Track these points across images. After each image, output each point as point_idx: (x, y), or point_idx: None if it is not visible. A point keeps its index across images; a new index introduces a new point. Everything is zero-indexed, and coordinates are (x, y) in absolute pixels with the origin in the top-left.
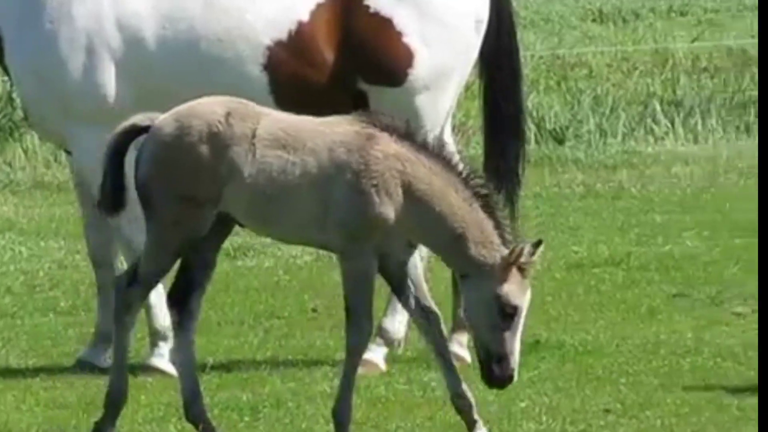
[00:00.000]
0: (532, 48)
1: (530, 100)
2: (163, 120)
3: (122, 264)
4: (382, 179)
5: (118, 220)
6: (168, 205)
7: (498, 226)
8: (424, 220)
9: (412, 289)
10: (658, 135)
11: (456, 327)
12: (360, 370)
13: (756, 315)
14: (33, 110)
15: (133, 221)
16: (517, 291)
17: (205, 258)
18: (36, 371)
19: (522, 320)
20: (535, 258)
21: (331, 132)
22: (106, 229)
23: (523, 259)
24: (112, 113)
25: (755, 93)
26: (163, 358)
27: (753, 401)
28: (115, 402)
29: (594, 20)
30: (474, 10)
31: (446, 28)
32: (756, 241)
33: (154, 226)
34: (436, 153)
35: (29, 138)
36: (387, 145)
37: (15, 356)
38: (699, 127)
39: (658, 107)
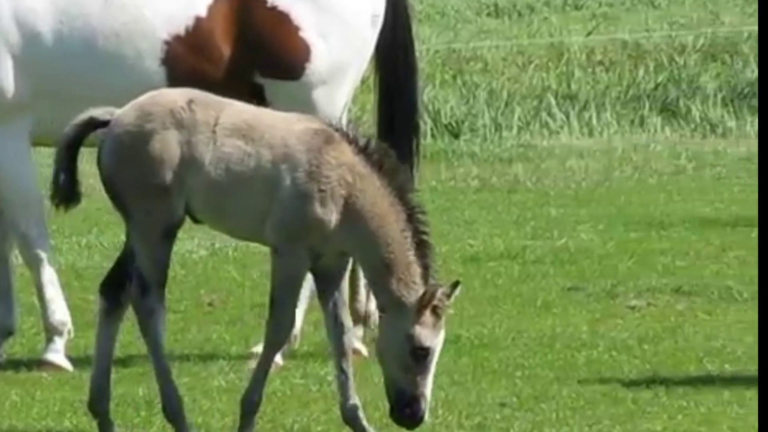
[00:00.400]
0: (427, 42)
1: (426, 94)
2: (123, 111)
3: (17, 259)
4: (330, 186)
5: (15, 213)
6: (135, 196)
7: (426, 269)
8: (358, 237)
9: (336, 296)
10: (553, 129)
11: (353, 321)
12: (254, 365)
13: (650, 308)
14: None
15: (29, 216)
16: (429, 333)
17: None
18: None
19: (434, 362)
20: (449, 301)
21: (289, 127)
22: (1, 224)
23: (435, 302)
24: (9, 108)
25: (649, 86)
26: (58, 354)
27: (647, 394)
28: (174, 407)
29: (489, 14)
30: (370, 5)
31: (343, 22)
32: (651, 234)
33: (131, 222)
34: (390, 175)
35: None
36: (343, 153)
37: None
38: (594, 120)
39: (553, 101)
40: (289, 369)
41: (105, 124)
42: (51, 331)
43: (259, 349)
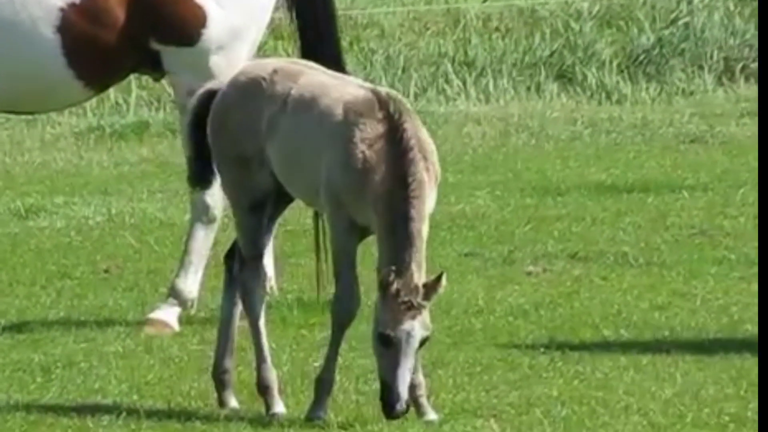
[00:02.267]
0: None
1: None
2: (225, 82)
3: None
4: (361, 158)
5: None
6: (224, 167)
7: (406, 258)
8: (370, 214)
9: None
10: (450, 95)
11: None
12: (152, 331)
13: (547, 274)
14: None
15: None
16: (390, 320)
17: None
18: None
19: (404, 354)
20: (426, 294)
21: (338, 97)
22: None
23: (393, 290)
24: None
25: (545, 53)
26: None
27: (543, 359)
28: (266, 384)
29: None
30: None
31: None
32: (547, 200)
33: (226, 193)
34: (401, 156)
35: None
36: (375, 126)
37: None
38: (490, 87)
39: (449, 67)
40: (185, 335)
41: None
42: None
43: (154, 315)
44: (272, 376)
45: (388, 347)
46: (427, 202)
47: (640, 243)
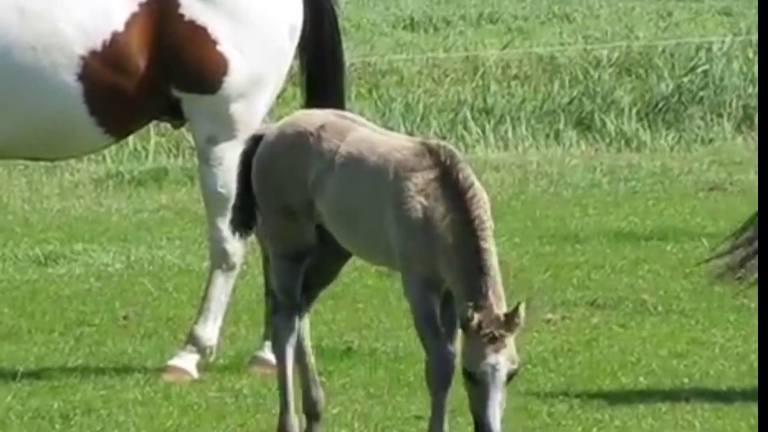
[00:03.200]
0: None
1: None
2: (270, 129)
3: None
4: (417, 215)
5: None
6: (269, 216)
7: (482, 293)
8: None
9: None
10: (469, 142)
11: (268, 334)
12: (171, 378)
13: (566, 321)
14: None
15: None
16: (475, 356)
17: (326, 271)
18: None
19: (491, 390)
20: (506, 325)
21: (388, 155)
22: None
23: (474, 325)
24: None
25: (564, 100)
26: None
27: (562, 407)
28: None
29: (405, 28)
30: (288, 17)
31: (260, 35)
32: (566, 247)
33: (267, 240)
34: (461, 200)
35: None
36: (427, 180)
37: None
38: (509, 134)
39: (468, 114)
40: (204, 382)
41: None
42: None
43: (173, 362)
44: (294, 422)
45: (475, 383)
46: None
47: (660, 291)
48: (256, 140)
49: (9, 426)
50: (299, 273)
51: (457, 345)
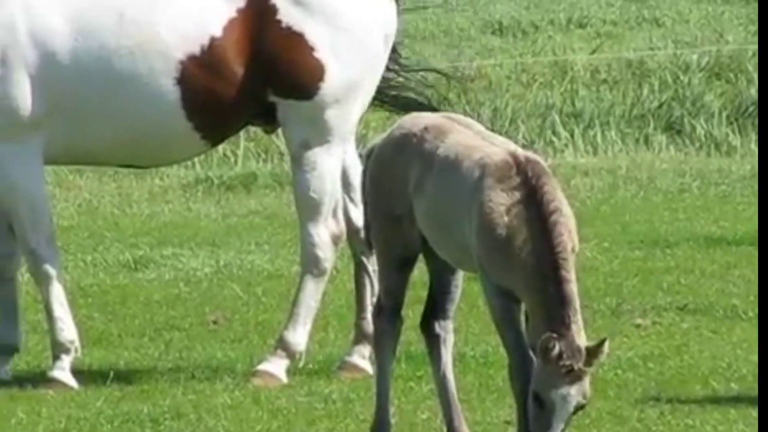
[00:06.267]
0: (432, 60)
1: None
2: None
3: (23, 277)
4: (502, 222)
5: (25, 231)
6: (376, 221)
7: (561, 317)
8: (517, 278)
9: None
10: (558, 147)
11: (357, 339)
12: (260, 382)
13: (656, 327)
14: None
15: (40, 234)
16: (547, 382)
17: (444, 281)
18: None
19: (557, 417)
20: (587, 360)
21: (479, 160)
22: (6, 242)
23: (553, 355)
24: (24, 127)
25: (654, 104)
26: (64, 371)
27: (653, 413)
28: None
29: (494, 32)
30: (382, 24)
31: (356, 41)
32: (656, 252)
33: (374, 246)
34: (543, 218)
35: None
36: (513, 191)
37: None
38: (598, 139)
39: (557, 119)
40: (293, 386)
41: None
42: (58, 349)
43: (263, 366)
44: (389, 426)
45: (541, 407)
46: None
47: (750, 296)
48: (371, 153)
49: (99, 430)
50: (404, 278)
51: None
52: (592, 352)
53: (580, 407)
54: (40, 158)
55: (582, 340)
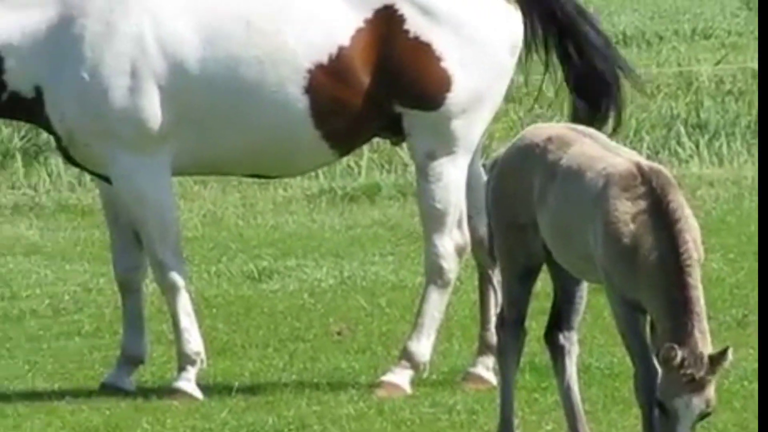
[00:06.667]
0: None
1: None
2: (504, 147)
3: (148, 287)
4: (625, 234)
5: (153, 242)
6: (500, 232)
7: (681, 326)
8: (642, 289)
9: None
10: (683, 158)
11: (481, 350)
12: (384, 393)
13: None
14: (78, 136)
15: (167, 245)
16: (669, 391)
17: (568, 292)
18: (61, 394)
19: (680, 425)
20: (709, 368)
21: (602, 170)
22: (133, 254)
23: (674, 363)
24: (153, 138)
25: None
26: (189, 382)
27: None
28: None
29: (618, 43)
30: (509, 34)
31: (484, 52)
32: None
33: (498, 257)
34: (668, 227)
35: (54, 161)
36: (636, 202)
37: (41, 380)
38: (724, 149)
39: (682, 130)
40: (417, 397)
41: None
42: (184, 360)
43: (387, 377)
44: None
45: (665, 414)
46: None
47: None
48: (495, 164)
49: None
50: (528, 289)
51: None
52: (715, 361)
53: (704, 416)
54: (168, 169)
55: (706, 348)
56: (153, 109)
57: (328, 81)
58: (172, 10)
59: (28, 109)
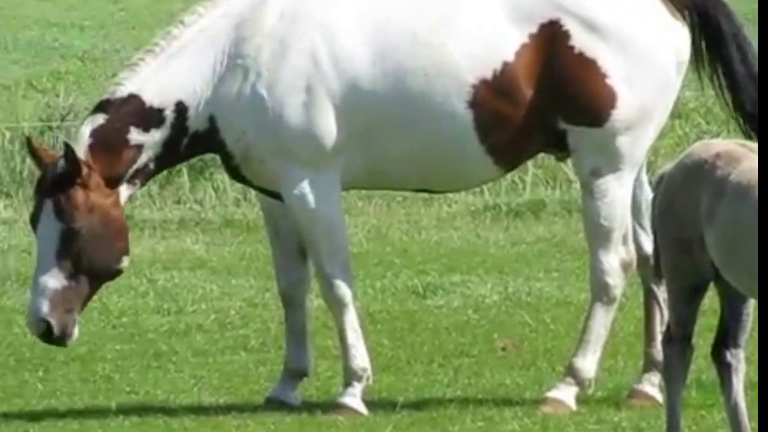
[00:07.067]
0: None
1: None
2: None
3: (312, 302)
4: None
5: (322, 257)
6: (666, 249)
7: None
8: None
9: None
10: None
11: (647, 367)
12: (549, 410)
13: None
14: (254, 153)
15: (336, 260)
16: None
17: (735, 310)
18: (227, 409)
19: None
20: None
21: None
22: (295, 268)
23: None
24: (326, 154)
25: None
26: (355, 398)
27: None
28: None
29: None
30: (675, 51)
31: (649, 68)
32: None
33: (664, 274)
34: None
35: (219, 177)
36: None
37: (207, 394)
38: None
39: None
40: (582, 414)
41: None
42: (350, 376)
43: (552, 394)
44: None
45: None
46: None
47: None
48: (662, 180)
49: None
50: (695, 306)
51: None
52: None
53: None
54: (338, 185)
55: None
56: (328, 126)
57: (492, 95)
58: (342, 25)
59: (204, 142)
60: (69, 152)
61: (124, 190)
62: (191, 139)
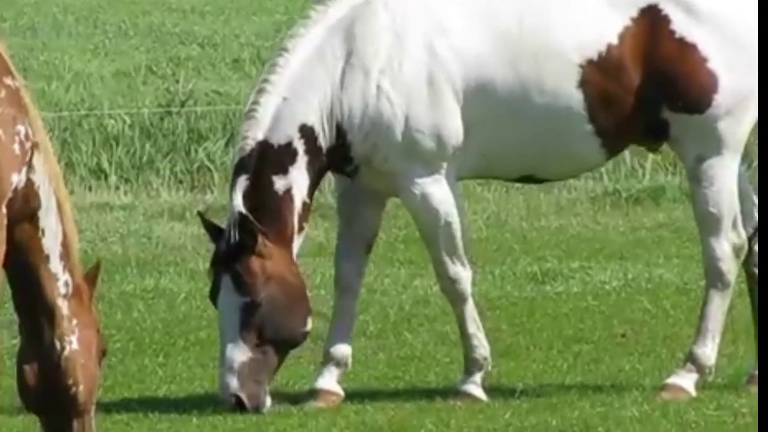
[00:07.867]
0: None
1: None
2: None
3: (431, 288)
4: None
5: (440, 249)
6: None
7: None
8: None
9: None
10: None
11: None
12: (669, 396)
13: None
14: (380, 151)
15: (455, 252)
16: None
17: None
18: (347, 394)
19: None
20: None
21: None
22: (357, 261)
23: None
24: (448, 149)
25: None
26: (477, 386)
27: None
28: None
29: None
30: None
31: (747, 51)
32: None
33: None
34: None
35: None
36: None
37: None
38: None
39: None
40: (702, 400)
41: None
42: (471, 364)
43: (672, 380)
44: None
45: None
46: None
47: None
48: None
49: None
50: None
51: None
52: None
53: None
54: (455, 179)
55: None
56: (451, 118)
57: (599, 76)
58: (455, 13)
59: (337, 156)
60: (244, 222)
61: (297, 239)
62: (329, 155)
